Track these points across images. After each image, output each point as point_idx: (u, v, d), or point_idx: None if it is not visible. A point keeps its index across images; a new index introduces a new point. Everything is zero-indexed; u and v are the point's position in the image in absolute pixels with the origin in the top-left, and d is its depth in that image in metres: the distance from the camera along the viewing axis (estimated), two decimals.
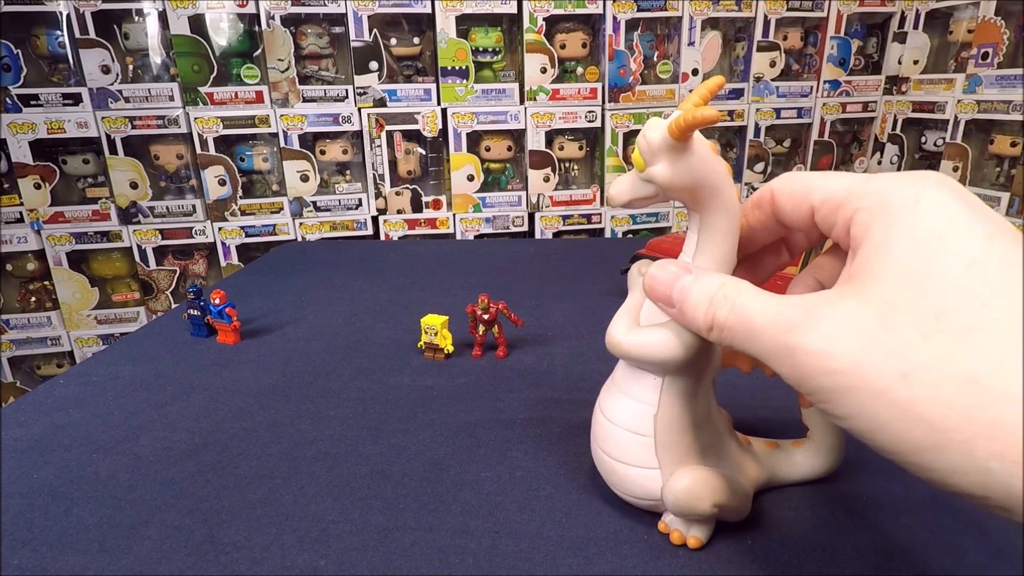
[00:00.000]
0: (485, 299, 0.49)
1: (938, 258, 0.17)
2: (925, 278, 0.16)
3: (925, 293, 0.16)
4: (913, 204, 0.18)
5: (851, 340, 0.17)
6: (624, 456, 0.28)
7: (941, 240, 0.17)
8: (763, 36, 1.42)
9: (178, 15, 1.22)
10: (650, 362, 0.26)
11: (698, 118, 0.21)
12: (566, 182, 1.49)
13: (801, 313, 0.19)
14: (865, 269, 0.18)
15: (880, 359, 0.16)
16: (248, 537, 0.30)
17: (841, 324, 0.17)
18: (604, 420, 0.29)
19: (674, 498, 0.27)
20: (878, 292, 0.17)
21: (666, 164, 0.23)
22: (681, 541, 0.28)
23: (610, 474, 0.29)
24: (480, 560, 0.28)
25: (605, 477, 0.30)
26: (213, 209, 1.35)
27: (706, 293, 0.22)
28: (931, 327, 0.16)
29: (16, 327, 1.36)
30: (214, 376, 0.47)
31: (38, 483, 0.34)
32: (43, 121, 1.23)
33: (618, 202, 0.25)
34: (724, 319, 0.21)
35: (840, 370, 0.17)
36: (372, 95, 1.33)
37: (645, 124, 0.24)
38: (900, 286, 0.17)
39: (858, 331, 0.17)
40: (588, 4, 1.33)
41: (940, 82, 1.38)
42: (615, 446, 0.28)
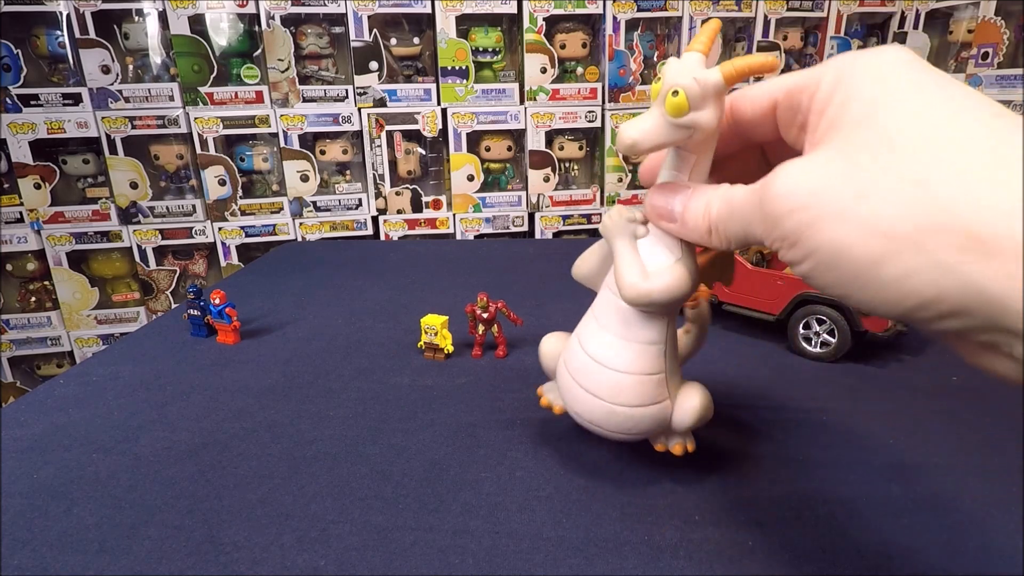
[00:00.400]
0: (484, 298, 0.49)
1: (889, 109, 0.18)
2: (876, 113, 0.18)
3: (876, 124, 0.18)
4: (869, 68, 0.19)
5: (810, 176, 0.19)
6: (640, 399, 0.29)
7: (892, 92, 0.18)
8: (763, 36, 1.42)
9: (178, 15, 1.22)
10: (673, 300, 0.27)
11: (755, 65, 0.22)
12: (566, 182, 1.49)
13: (770, 174, 0.20)
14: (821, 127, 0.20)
15: (837, 185, 0.18)
16: (248, 537, 0.30)
17: (801, 167, 0.19)
18: (612, 373, 0.29)
19: (698, 416, 0.30)
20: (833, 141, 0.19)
21: (712, 110, 0.23)
22: (683, 451, 0.32)
23: (623, 422, 0.29)
24: (480, 560, 0.28)
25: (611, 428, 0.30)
26: (213, 209, 1.35)
27: (702, 199, 0.24)
28: (882, 150, 0.17)
29: (16, 327, 1.36)
30: (214, 376, 0.47)
31: (38, 483, 0.34)
32: (43, 121, 1.23)
33: (643, 147, 0.24)
34: (716, 212, 0.23)
35: (802, 205, 0.18)
36: (372, 95, 1.33)
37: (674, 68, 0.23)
38: (855, 124, 0.18)
39: (816, 168, 0.19)
40: (588, 4, 1.33)
41: None
42: (630, 394, 0.29)
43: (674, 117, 0.23)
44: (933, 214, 0.16)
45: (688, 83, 0.22)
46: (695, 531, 0.30)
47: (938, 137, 0.16)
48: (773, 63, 0.22)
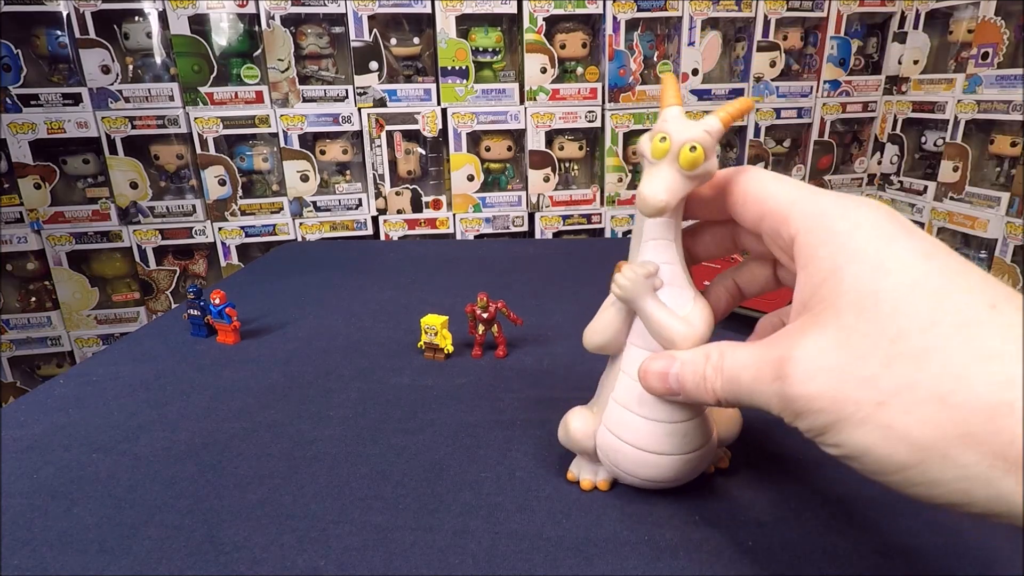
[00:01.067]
0: (484, 297, 0.49)
1: (884, 281, 0.18)
2: (875, 304, 0.18)
3: (878, 319, 0.18)
4: (854, 228, 0.20)
5: (825, 378, 0.19)
6: (704, 437, 0.29)
7: (884, 263, 0.19)
8: (763, 36, 1.42)
9: (178, 15, 1.22)
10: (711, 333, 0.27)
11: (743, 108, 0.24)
12: (566, 182, 1.49)
13: (776, 359, 0.20)
14: (817, 296, 0.20)
15: (855, 392, 0.18)
16: (248, 537, 0.30)
17: (812, 364, 0.19)
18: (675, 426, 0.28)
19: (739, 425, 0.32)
20: (835, 323, 0.19)
21: (713, 157, 0.24)
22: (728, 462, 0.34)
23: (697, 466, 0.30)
24: (480, 560, 0.28)
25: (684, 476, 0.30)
26: (213, 209, 1.35)
27: (697, 372, 0.24)
28: (890, 352, 0.17)
29: (16, 327, 1.36)
30: (214, 376, 0.47)
31: (38, 483, 0.34)
32: (43, 121, 1.23)
33: (671, 206, 0.24)
34: (721, 389, 0.23)
35: (824, 408, 0.19)
36: (372, 95, 1.33)
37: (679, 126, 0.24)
38: (854, 313, 0.19)
39: (828, 369, 0.19)
40: (588, 4, 1.33)
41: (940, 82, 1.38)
42: (695, 438, 0.29)
43: (690, 171, 0.24)
44: (957, 425, 0.16)
45: (703, 137, 0.24)
46: (695, 531, 0.30)
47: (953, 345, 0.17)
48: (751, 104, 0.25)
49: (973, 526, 0.30)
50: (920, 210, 1.45)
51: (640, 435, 0.29)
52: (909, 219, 0.20)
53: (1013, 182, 1.23)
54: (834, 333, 0.19)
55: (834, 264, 0.19)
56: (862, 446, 0.18)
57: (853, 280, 0.19)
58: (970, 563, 0.27)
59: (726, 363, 0.23)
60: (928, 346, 0.17)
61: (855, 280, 0.19)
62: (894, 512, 0.31)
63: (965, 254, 1.40)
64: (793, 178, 0.24)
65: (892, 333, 0.17)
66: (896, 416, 0.17)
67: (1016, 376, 0.15)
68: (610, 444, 0.30)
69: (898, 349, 0.17)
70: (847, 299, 0.19)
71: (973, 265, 0.18)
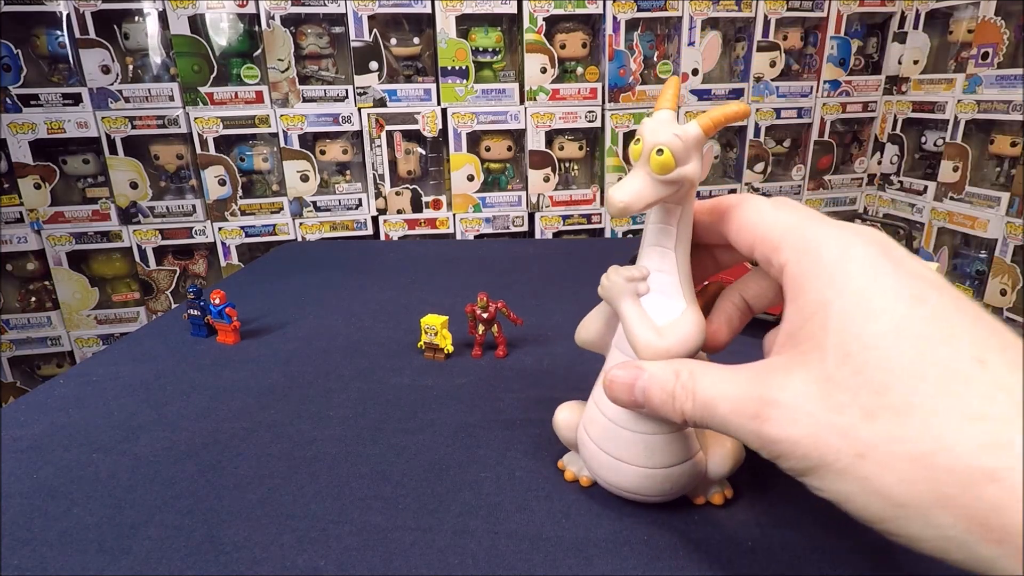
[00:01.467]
0: (484, 297, 0.49)
1: (870, 326, 0.18)
2: (861, 350, 0.18)
3: (863, 368, 0.17)
4: (844, 262, 0.19)
5: (807, 424, 0.18)
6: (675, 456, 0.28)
7: (871, 304, 0.18)
8: (763, 36, 1.42)
9: (178, 15, 1.22)
10: (691, 351, 0.26)
11: (729, 114, 0.23)
12: (566, 182, 1.49)
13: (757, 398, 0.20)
14: (805, 332, 0.19)
15: (836, 442, 0.18)
16: (248, 537, 0.30)
17: (794, 408, 0.19)
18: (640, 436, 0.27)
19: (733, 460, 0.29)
20: (819, 367, 0.19)
21: (696, 162, 0.23)
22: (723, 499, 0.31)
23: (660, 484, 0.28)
24: (480, 560, 0.28)
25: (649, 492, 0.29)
26: (213, 209, 1.35)
27: (665, 389, 0.23)
28: (873, 404, 0.17)
29: (16, 327, 1.36)
30: (214, 376, 0.47)
31: (38, 483, 0.34)
32: (43, 121, 1.23)
33: (635, 209, 0.23)
34: (691, 412, 0.22)
35: (804, 455, 0.18)
36: (372, 95, 1.33)
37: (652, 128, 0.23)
38: (839, 358, 0.18)
39: (809, 414, 0.18)
40: (588, 4, 1.33)
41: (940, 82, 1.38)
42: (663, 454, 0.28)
43: (661, 175, 0.23)
44: (935, 488, 0.16)
45: (670, 140, 0.22)
46: (695, 531, 0.30)
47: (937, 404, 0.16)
48: (744, 111, 0.23)
49: None
50: (920, 210, 1.45)
51: (606, 438, 0.29)
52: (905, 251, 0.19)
53: (1013, 182, 1.23)
54: (817, 377, 0.18)
55: (822, 298, 0.19)
56: (843, 494, 0.18)
57: (839, 320, 0.18)
58: None
59: (698, 386, 0.22)
60: (911, 402, 0.16)
61: (841, 320, 0.18)
62: None
63: (965, 254, 1.40)
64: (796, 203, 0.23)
65: (876, 385, 0.17)
66: (875, 470, 0.17)
67: (998, 441, 0.15)
68: (582, 440, 0.30)
69: (880, 402, 0.17)
70: (833, 340, 0.18)
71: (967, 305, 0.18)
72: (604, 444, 0.29)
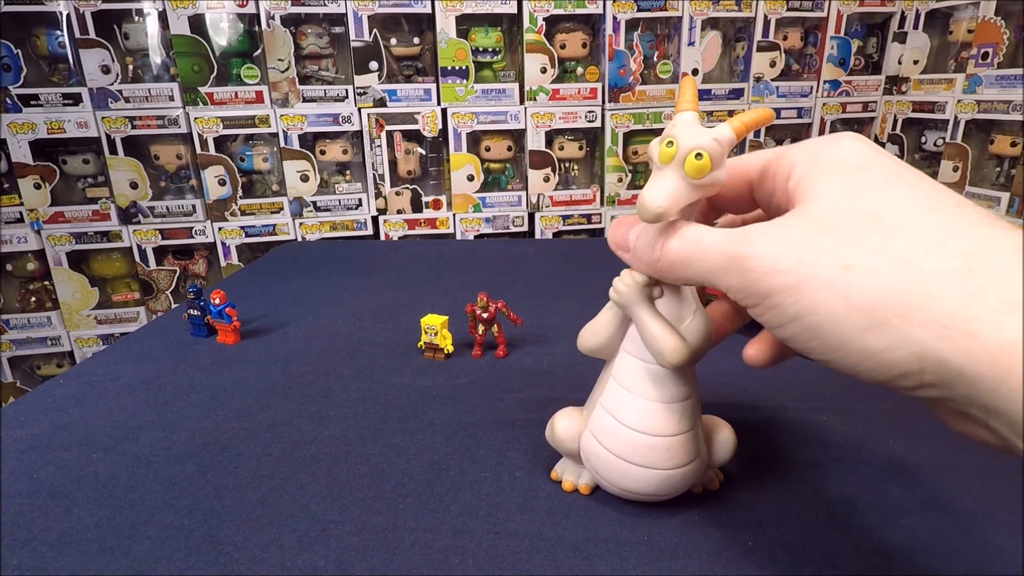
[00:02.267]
0: (484, 297, 0.49)
1: (864, 177, 0.20)
2: (855, 192, 0.19)
3: (856, 202, 0.19)
4: (837, 151, 0.21)
5: (794, 244, 0.19)
6: (690, 455, 0.29)
7: (865, 166, 0.20)
8: (763, 36, 1.42)
9: (178, 15, 1.22)
10: (707, 350, 0.28)
11: (760, 119, 0.23)
12: (566, 182, 1.49)
13: (747, 231, 0.21)
14: (798, 196, 0.21)
15: (822, 256, 0.19)
16: (248, 537, 0.30)
17: (784, 233, 0.20)
18: (662, 440, 0.28)
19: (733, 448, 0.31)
20: (815, 207, 0.20)
21: (722, 167, 0.23)
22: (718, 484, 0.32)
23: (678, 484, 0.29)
24: (480, 560, 0.28)
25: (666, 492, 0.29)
26: (213, 209, 1.35)
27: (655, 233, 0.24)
28: (865, 227, 0.18)
29: (16, 327, 1.36)
30: (214, 376, 0.47)
31: (38, 483, 0.34)
32: (43, 121, 1.23)
33: (671, 214, 0.23)
34: (674, 248, 0.23)
35: (787, 269, 0.19)
36: (372, 95, 1.33)
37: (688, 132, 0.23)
38: (834, 199, 0.20)
39: (800, 237, 0.19)
40: (588, 4, 1.33)
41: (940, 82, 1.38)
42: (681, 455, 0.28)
43: (696, 179, 0.23)
44: (919, 293, 0.17)
45: (711, 145, 0.22)
46: (695, 531, 0.30)
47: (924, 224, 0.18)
48: (770, 115, 0.24)
49: (973, 527, 0.30)
50: None
51: (624, 445, 0.28)
52: None
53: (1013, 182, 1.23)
54: (812, 215, 0.20)
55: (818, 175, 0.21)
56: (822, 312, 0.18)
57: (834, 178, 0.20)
58: (970, 563, 0.27)
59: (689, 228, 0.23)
60: (903, 221, 0.18)
61: (837, 178, 0.20)
62: (894, 512, 0.31)
63: None
64: None
65: (869, 213, 0.19)
66: (859, 278, 0.18)
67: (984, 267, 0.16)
68: (593, 450, 0.30)
69: (873, 226, 0.18)
70: (828, 188, 0.20)
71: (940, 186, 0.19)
72: (623, 452, 0.29)
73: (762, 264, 0.20)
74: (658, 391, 0.28)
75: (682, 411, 0.28)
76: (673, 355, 0.26)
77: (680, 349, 0.26)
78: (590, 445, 0.30)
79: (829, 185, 0.20)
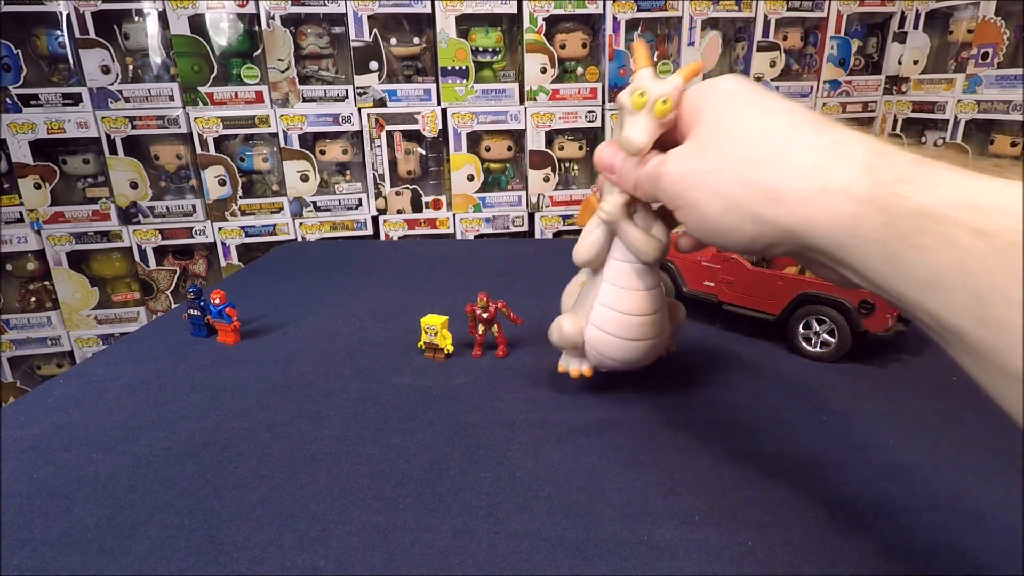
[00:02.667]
0: (484, 297, 0.49)
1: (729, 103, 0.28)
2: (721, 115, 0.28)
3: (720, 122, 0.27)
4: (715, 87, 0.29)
5: (684, 160, 0.28)
6: (666, 324, 0.40)
7: (732, 95, 0.28)
8: (763, 36, 1.42)
9: (178, 15, 1.22)
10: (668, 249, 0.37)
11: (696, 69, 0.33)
12: (566, 182, 1.49)
13: (666, 156, 0.30)
14: (692, 125, 0.29)
15: (698, 165, 0.28)
16: (248, 537, 0.30)
17: (681, 153, 0.29)
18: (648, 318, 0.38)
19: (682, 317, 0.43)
20: (698, 131, 0.28)
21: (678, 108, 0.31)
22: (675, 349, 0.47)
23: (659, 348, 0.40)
24: (480, 560, 0.28)
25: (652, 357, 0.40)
26: (213, 209, 1.35)
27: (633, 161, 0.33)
28: (725, 140, 0.27)
29: (16, 327, 1.36)
30: (214, 376, 0.47)
31: (38, 483, 0.34)
32: (43, 121, 1.23)
33: (647, 148, 0.31)
34: (643, 172, 0.32)
35: (680, 179, 0.28)
36: (372, 95, 1.33)
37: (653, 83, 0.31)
38: (708, 123, 0.28)
39: (687, 154, 0.28)
40: (588, 4, 1.33)
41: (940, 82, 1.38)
42: (661, 324, 0.39)
43: (662, 119, 0.30)
44: (754, 182, 0.25)
45: (672, 92, 0.30)
46: (695, 531, 0.30)
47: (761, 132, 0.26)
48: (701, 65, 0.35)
49: (973, 527, 0.30)
50: None
51: (624, 327, 0.38)
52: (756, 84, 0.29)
53: None
54: (695, 140, 0.28)
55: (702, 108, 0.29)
56: (697, 203, 0.27)
57: (713, 114, 0.28)
58: (970, 563, 0.27)
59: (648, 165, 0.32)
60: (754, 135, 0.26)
61: (714, 114, 0.28)
62: (894, 512, 0.31)
63: None
64: None
65: (727, 129, 0.27)
66: (720, 178, 0.26)
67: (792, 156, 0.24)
68: (597, 336, 0.39)
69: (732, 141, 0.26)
70: (707, 122, 0.28)
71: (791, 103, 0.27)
72: (624, 332, 0.38)
73: (669, 177, 0.29)
74: (642, 282, 0.38)
75: (657, 295, 0.39)
76: (652, 251, 0.37)
77: (656, 246, 0.37)
78: (594, 334, 0.40)
79: (706, 114, 0.28)
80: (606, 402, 0.43)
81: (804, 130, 0.25)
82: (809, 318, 0.49)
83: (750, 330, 0.55)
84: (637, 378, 0.46)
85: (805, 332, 0.50)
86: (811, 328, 0.49)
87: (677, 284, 0.58)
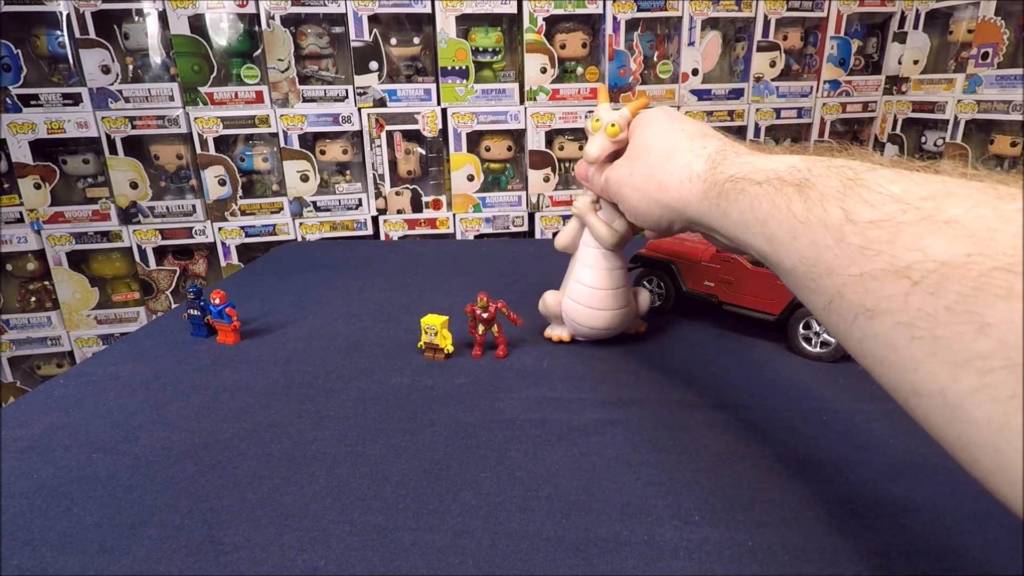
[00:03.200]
0: (484, 297, 0.49)
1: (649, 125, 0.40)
2: (642, 134, 0.40)
3: (640, 138, 0.40)
4: (647, 114, 0.41)
5: (618, 168, 0.41)
6: (626, 299, 0.50)
7: (654, 120, 0.40)
8: (763, 36, 1.42)
9: (178, 15, 1.22)
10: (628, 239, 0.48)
11: (640, 104, 0.43)
12: (566, 182, 1.49)
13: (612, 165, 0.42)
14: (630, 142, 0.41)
15: (625, 171, 0.40)
16: (248, 537, 0.30)
17: (619, 163, 0.41)
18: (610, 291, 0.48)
19: (648, 304, 0.53)
20: (629, 150, 0.41)
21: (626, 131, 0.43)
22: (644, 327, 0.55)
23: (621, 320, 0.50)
24: (480, 560, 0.28)
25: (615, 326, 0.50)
26: (213, 209, 1.35)
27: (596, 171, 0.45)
28: (640, 152, 0.39)
29: (16, 327, 1.36)
30: (214, 376, 0.47)
31: (38, 483, 0.34)
32: (43, 121, 1.23)
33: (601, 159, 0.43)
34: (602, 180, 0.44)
35: (615, 182, 0.41)
36: (372, 95, 1.33)
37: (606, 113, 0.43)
38: (635, 143, 0.40)
39: (620, 165, 0.41)
40: (588, 4, 1.33)
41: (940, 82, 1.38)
42: (621, 299, 0.49)
43: (613, 137, 0.43)
44: (653, 177, 0.37)
45: (619, 118, 0.43)
46: (695, 531, 0.30)
47: (660, 145, 0.37)
48: (646, 100, 0.45)
49: (973, 527, 0.30)
50: None
51: (590, 297, 0.49)
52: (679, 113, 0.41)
53: None
54: (628, 159, 0.41)
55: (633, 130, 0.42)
56: (625, 198, 0.40)
57: (637, 135, 0.40)
58: (970, 563, 0.27)
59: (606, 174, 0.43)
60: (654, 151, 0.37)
61: (637, 135, 0.40)
62: (894, 512, 0.31)
63: None
64: None
65: (642, 144, 0.39)
66: (635, 178, 0.39)
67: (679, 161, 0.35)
68: (571, 307, 0.50)
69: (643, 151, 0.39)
70: (634, 140, 0.41)
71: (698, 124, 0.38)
72: (590, 302, 0.49)
73: (610, 180, 0.42)
74: (607, 262, 0.48)
75: (619, 275, 0.49)
76: (609, 238, 0.47)
77: (613, 236, 0.47)
78: (568, 304, 0.50)
79: (635, 134, 0.41)
80: (606, 402, 0.43)
81: (689, 141, 0.35)
82: (809, 318, 0.49)
83: (750, 330, 0.55)
84: (637, 378, 0.46)
85: (805, 332, 0.50)
86: (811, 328, 0.49)
87: (677, 284, 0.58)
